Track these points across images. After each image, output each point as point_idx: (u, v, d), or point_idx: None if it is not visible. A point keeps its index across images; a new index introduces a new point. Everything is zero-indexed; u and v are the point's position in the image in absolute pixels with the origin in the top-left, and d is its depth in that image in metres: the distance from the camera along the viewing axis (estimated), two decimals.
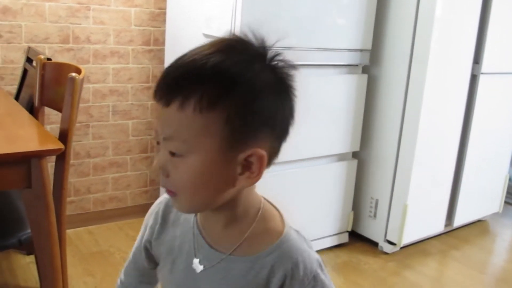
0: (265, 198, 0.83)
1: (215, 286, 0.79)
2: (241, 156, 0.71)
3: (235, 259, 0.78)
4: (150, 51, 2.92)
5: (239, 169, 0.72)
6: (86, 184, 2.91)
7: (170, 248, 0.85)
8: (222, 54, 0.70)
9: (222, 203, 0.75)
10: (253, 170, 0.72)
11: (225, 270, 0.78)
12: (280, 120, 0.73)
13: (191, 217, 0.84)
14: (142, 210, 3.08)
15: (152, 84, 2.97)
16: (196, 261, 0.80)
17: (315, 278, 0.77)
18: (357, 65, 2.69)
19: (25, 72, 2.29)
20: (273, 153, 0.75)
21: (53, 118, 2.58)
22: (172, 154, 0.71)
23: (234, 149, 0.70)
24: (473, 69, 2.83)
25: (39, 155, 1.44)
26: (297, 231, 0.82)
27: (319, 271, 0.78)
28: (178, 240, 0.84)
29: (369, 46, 2.67)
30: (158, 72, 2.96)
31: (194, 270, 0.80)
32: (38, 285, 2.27)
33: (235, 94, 0.68)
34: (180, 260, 0.83)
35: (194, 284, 0.81)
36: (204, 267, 0.79)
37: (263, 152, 0.71)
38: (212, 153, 0.70)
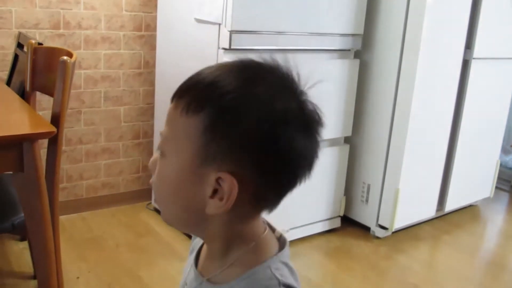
0: (274, 229, 0.77)
1: None
2: (212, 176, 0.66)
3: (206, 286, 0.75)
4: (141, 36, 2.90)
5: (209, 191, 0.67)
6: (78, 171, 2.91)
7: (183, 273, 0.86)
8: (232, 69, 0.68)
9: (203, 230, 0.73)
10: (221, 196, 0.66)
11: None
12: (271, 157, 0.66)
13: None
14: (134, 196, 3.09)
15: (144, 70, 2.96)
16: (183, 282, 0.81)
17: None
18: (349, 50, 2.69)
19: (16, 58, 2.28)
20: (259, 194, 0.68)
21: (44, 104, 2.57)
22: (160, 152, 0.71)
23: (207, 164, 0.66)
24: (465, 54, 2.84)
25: (31, 139, 1.43)
26: (279, 274, 0.70)
27: None
28: (188, 266, 0.83)
29: (361, 31, 2.67)
30: (150, 58, 2.95)
31: None
32: (32, 270, 2.28)
33: (220, 106, 0.65)
34: (181, 285, 0.83)
35: None
36: (186, 286, 0.79)
37: (234, 180, 0.65)
38: (186, 162, 0.68)
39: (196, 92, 0.67)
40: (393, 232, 2.92)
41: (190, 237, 0.88)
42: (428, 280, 2.53)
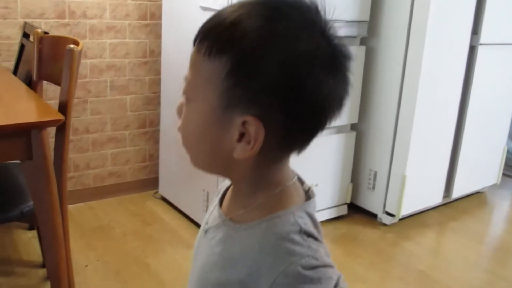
0: (303, 182, 0.75)
1: (205, 248, 0.78)
2: (238, 120, 0.64)
3: (228, 224, 0.74)
4: (146, 25, 2.90)
5: (236, 135, 0.65)
6: (85, 160, 2.92)
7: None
8: (254, 7, 0.65)
9: (232, 173, 0.72)
10: (249, 140, 0.65)
11: (217, 232, 0.75)
12: (297, 99, 0.63)
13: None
14: (141, 185, 3.11)
15: (149, 59, 2.96)
16: (205, 221, 0.81)
17: (286, 274, 0.63)
18: (355, 37, 2.68)
19: (22, 47, 2.28)
20: (286, 137, 0.67)
21: (50, 94, 2.58)
22: (185, 97, 0.70)
23: (232, 108, 0.65)
24: (471, 40, 2.82)
25: (39, 126, 1.44)
26: (302, 222, 0.68)
27: (304, 273, 0.64)
28: (212, 206, 0.82)
29: (367, 17, 2.66)
30: (155, 47, 2.95)
31: (204, 231, 0.80)
32: (40, 259, 2.29)
33: (244, 47, 0.63)
34: (203, 223, 0.83)
35: (199, 244, 0.81)
36: (207, 225, 0.79)
37: (261, 124, 0.63)
38: (211, 106, 0.66)
39: (218, 34, 0.65)
40: (400, 219, 2.92)
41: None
42: (435, 266, 2.54)
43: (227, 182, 0.82)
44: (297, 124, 0.66)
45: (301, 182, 0.75)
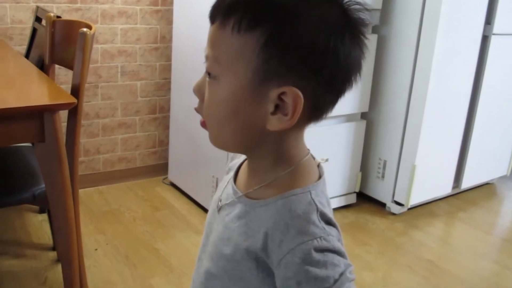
0: (314, 157, 0.75)
1: (219, 225, 0.77)
2: (274, 92, 0.64)
3: (243, 200, 0.74)
4: (158, 11, 2.90)
5: (271, 107, 0.65)
6: (95, 145, 2.93)
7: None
8: None
9: (256, 149, 0.71)
10: (286, 111, 0.65)
11: (232, 208, 0.75)
12: (331, 65, 0.64)
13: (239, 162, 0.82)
14: (151, 170, 3.12)
15: (160, 45, 2.96)
16: (217, 198, 0.81)
17: (295, 253, 0.63)
18: (368, 25, 2.66)
19: (34, 32, 2.29)
20: (318, 103, 0.67)
21: (62, 78, 2.58)
22: (209, 75, 0.68)
23: (267, 81, 0.64)
24: (484, 29, 2.80)
25: (52, 109, 1.44)
26: (319, 201, 0.69)
27: (313, 254, 0.62)
28: (224, 183, 0.83)
29: (379, 5, 2.65)
30: (166, 33, 2.94)
31: (217, 209, 0.80)
32: (51, 242, 2.31)
33: (278, 19, 0.62)
34: (214, 200, 0.83)
35: (211, 221, 0.81)
36: (220, 202, 0.79)
37: (299, 93, 0.63)
38: (244, 81, 0.65)
39: (247, 8, 0.64)
40: (408, 209, 2.92)
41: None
42: (443, 256, 2.54)
43: (237, 161, 0.83)
44: (329, 89, 0.67)
45: (313, 157, 0.76)
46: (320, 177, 0.73)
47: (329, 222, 0.67)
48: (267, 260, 0.67)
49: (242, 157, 0.82)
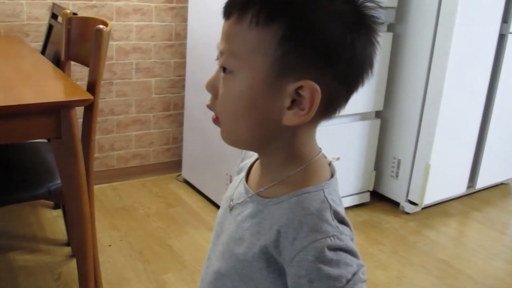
0: (325, 156, 0.75)
1: (230, 224, 0.77)
2: (291, 87, 0.64)
3: (255, 199, 0.73)
4: (173, 8, 2.90)
5: (287, 102, 0.65)
6: (109, 141, 2.95)
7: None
8: None
9: (268, 145, 0.71)
10: (303, 105, 0.65)
11: (244, 207, 0.75)
12: (346, 60, 0.65)
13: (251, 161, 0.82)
14: (164, 167, 3.13)
15: (175, 42, 2.97)
16: (228, 197, 0.81)
17: (308, 251, 0.62)
18: (382, 23, 2.65)
19: (50, 28, 2.30)
20: (333, 98, 0.67)
21: (77, 75, 2.60)
22: (224, 70, 0.68)
23: (284, 75, 0.64)
24: (501, 28, 2.77)
25: (68, 106, 1.45)
26: (332, 200, 0.68)
27: (326, 252, 0.62)
28: (235, 183, 0.83)
29: (394, 3, 2.63)
30: (181, 30, 2.95)
31: (229, 208, 0.80)
32: (65, 237, 2.33)
33: (296, 13, 0.62)
34: (225, 200, 0.83)
35: (222, 220, 0.81)
36: (232, 202, 0.79)
37: (317, 87, 0.63)
38: (261, 75, 0.65)
39: (264, 2, 0.64)
40: (422, 208, 2.91)
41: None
42: (457, 256, 2.52)
43: (248, 161, 0.82)
44: (344, 84, 0.67)
45: (324, 156, 0.76)
46: (332, 175, 0.73)
47: (342, 220, 0.67)
48: (278, 258, 0.66)
49: (253, 157, 0.82)
